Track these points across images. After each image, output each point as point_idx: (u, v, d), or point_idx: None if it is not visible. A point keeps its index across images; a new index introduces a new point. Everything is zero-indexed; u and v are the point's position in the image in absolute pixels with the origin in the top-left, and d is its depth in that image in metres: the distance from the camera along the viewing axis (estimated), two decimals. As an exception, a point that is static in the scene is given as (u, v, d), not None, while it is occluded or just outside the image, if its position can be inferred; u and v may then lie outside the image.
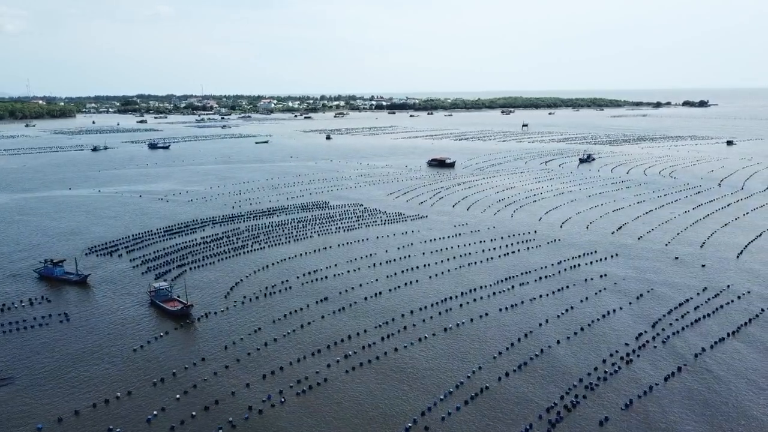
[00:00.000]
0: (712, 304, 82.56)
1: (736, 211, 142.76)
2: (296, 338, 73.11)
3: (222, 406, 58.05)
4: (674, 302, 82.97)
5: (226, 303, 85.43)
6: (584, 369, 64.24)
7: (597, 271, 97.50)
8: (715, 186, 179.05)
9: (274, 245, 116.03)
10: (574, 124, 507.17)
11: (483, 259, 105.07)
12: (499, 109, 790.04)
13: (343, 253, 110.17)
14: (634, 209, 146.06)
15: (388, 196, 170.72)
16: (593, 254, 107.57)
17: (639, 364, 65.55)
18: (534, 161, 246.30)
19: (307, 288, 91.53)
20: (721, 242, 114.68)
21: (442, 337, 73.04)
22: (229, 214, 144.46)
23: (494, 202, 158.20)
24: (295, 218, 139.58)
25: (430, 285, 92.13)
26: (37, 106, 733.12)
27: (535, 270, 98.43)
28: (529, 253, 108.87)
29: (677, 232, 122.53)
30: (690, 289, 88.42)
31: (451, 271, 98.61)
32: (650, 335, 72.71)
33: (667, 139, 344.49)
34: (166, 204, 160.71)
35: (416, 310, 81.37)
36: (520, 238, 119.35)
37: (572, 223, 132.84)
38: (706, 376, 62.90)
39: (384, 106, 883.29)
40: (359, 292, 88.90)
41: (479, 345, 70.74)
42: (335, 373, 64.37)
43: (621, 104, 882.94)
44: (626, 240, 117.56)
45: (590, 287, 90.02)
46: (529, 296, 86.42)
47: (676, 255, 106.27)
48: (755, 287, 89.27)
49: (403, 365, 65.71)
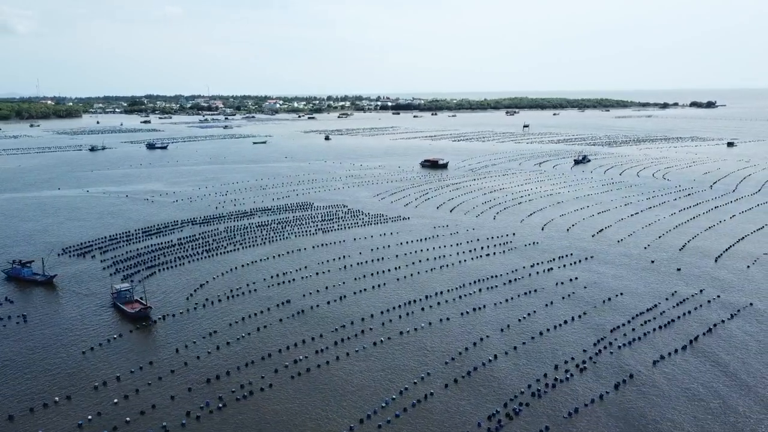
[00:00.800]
0: (675, 311, 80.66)
1: (723, 214, 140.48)
2: (249, 342, 72.15)
3: (159, 410, 57.19)
4: (638, 309, 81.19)
5: (187, 305, 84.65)
6: (522, 383, 61.57)
7: (568, 276, 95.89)
8: (707, 188, 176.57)
9: (248, 247, 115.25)
10: (577, 125, 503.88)
11: (454, 263, 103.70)
12: (504, 110, 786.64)
13: (316, 255, 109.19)
14: (620, 212, 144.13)
15: (375, 197, 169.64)
16: (568, 257, 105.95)
17: (581, 378, 62.88)
18: (528, 162, 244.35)
19: (272, 291, 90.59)
20: (701, 246, 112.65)
21: (385, 347, 71.27)
22: (210, 215, 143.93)
23: (479, 203, 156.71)
24: (275, 219, 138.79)
25: (394, 289, 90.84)
26: (44, 107, 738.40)
27: (505, 274, 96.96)
28: (503, 257, 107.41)
29: (658, 236, 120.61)
30: (658, 294, 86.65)
31: (419, 275, 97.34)
32: (604, 344, 71.07)
33: (667, 140, 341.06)
34: (150, 204, 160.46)
35: (368, 318, 79.70)
36: (498, 241, 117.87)
37: (553, 225, 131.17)
38: (647, 390, 60.33)
39: (389, 107, 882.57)
40: (323, 297, 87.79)
41: (421, 356, 68.72)
42: (280, 380, 63.34)
43: (627, 105, 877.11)
44: (605, 243, 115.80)
45: (557, 292, 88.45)
46: (493, 301, 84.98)
47: (652, 259, 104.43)
48: (726, 293, 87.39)
49: (336, 378, 63.39)
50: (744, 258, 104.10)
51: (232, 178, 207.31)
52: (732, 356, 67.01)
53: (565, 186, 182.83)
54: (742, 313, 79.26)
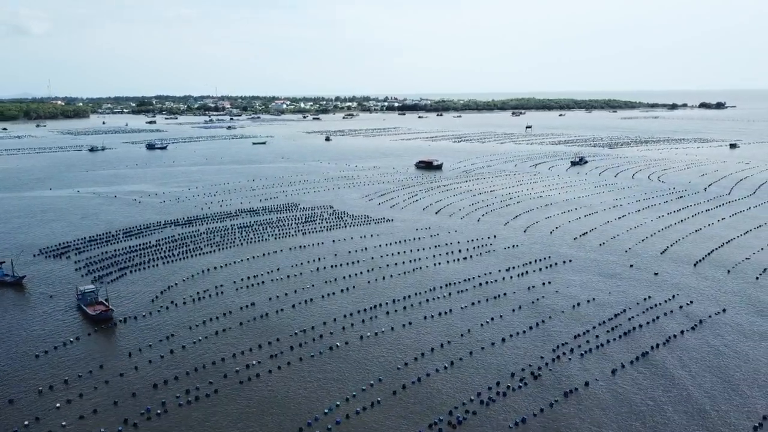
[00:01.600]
0: (642, 318, 78.75)
1: (712, 217, 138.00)
2: (204, 347, 71.26)
3: (100, 416, 56.43)
4: (605, 316, 79.43)
5: (151, 307, 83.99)
6: (470, 393, 59.94)
7: (541, 280, 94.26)
8: (700, 191, 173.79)
9: (225, 248, 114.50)
10: (581, 125, 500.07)
11: (429, 266, 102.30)
12: (511, 111, 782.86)
13: (291, 257, 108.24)
14: (607, 214, 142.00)
15: (363, 198, 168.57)
16: (545, 261, 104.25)
17: (527, 389, 61.28)
18: (525, 163, 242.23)
19: (240, 294, 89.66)
20: (683, 250, 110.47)
21: (341, 352, 70.03)
22: (194, 216, 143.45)
23: (467, 205, 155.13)
24: (257, 221, 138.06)
25: (363, 293, 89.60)
26: (52, 107, 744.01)
27: (477, 277, 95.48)
28: (480, 260, 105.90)
29: (642, 239, 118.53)
30: (629, 301, 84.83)
31: (391, 278, 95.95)
32: (564, 350, 69.56)
33: (670, 141, 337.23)
34: (137, 205, 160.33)
35: (330, 322, 78.51)
36: (478, 244, 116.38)
37: (537, 228, 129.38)
38: (589, 404, 58.26)
39: (395, 108, 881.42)
40: (289, 300, 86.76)
41: (375, 362, 67.38)
42: (227, 386, 62.36)
43: (635, 106, 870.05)
44: (586, 247, 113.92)
45: (526, 298, 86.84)
46: (460, 305, 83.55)
47: (631, 263, 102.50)
48: (699, 300, 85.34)
49: (282, 384, 62.06)
50: (724, 264, 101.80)
51: (224, 179, 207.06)
52: (686, 371, 63.68)
53: (556, 188, 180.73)
54: (709, 323, 77.05)
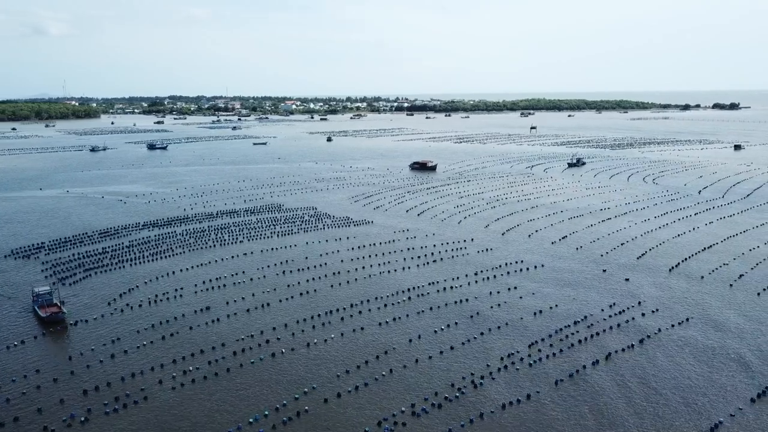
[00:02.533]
0: (600, 326, 76.25)
1: (700, 221, 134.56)
2: (147, 351, 69.94)
3: (21, 423, 55.26)
4: (563, 323, 77.09)
5: (106, 310, 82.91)
6: (400, 404, 58.09)
7: (508, 284, 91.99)
8: (694, 193, 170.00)
9: (197, 250, 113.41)
10: (588, 126, 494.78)
11: (396, 269, 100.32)
12: (520, 112, 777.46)
13: (259, 260, 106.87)
14: (592, 217, 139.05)
15: (350, 199, 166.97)
16: (516, 265, 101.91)
17: (436, 414, 58.58)
18: (521, 165, 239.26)
19: (198, 297, 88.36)
20: (661, 255, 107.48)
21: (284, 358, 68.46)
22: (175, 217, 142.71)
23: (451, 208, 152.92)
24: (237, 222, 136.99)
25: (322, 298, 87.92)
26: (63, 107, 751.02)
27: (443, 281, 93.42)
28: (449, 264, 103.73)
29: (621, 243, 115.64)
30: (591, 307, 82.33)
31: (355, 282, 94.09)
32: (511, 360, 67.36)
33: (674, 143, 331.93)
34: (122, 205, 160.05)
35: (281, 327, 76.98)
36: (452, 247, 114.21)
37: (517, 231, 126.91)
38: (506, 425, 56.07)
39: (404, 108, 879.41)
40: (246, 304, 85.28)
41: (316, 368, 65.99)
42: (160, 391, 61.00)
43: (647, 107, 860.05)
44: (562, 251, 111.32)
45: (487, 303, 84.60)
46: (416, 311, 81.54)
47: (604, 268, 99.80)
48: (666, 305, 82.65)
49: (219, 390, 60.61)
50: (700, 270, 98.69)
51: (216, 180, 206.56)
52: (616, 392, 60.67)
53: (546, 190, 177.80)
54: (670, 332, 74.40)
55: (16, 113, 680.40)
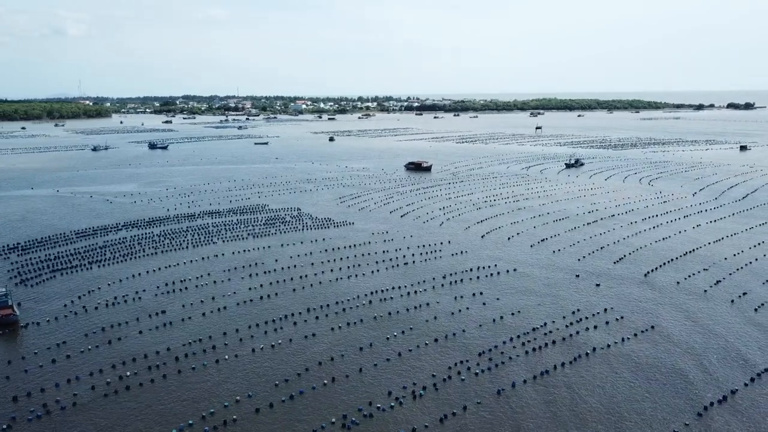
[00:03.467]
0: (558, 335, 73.63)
1: (689, 224, 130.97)
2: (89, 356, 68.48)
3: (-58, 430, 54.26)
4: (520, 330, 74.62)
5: (61, 312, 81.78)
6: (334, 414, 56.35)
7: (474, 290, 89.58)
8: (688, 195, 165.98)
9: (168, 251, 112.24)
10: (596, 126, 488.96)
11: (366, 273, 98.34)
12: (530, 112, 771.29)
13: (228, 262, 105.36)
14: (578, 219, 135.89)
15: (336, 200, 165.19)
16: (488, 269, 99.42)
17: (399, 411, 57.59)
18: (518, 165, 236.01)
19: (157, 299, 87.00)
20: (639, 260, 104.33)
21: (226, 365, 66.75)
22: (156, 217, 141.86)
23: (437, 209, 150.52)
24: (216, 222, 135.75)
25: (283, 302, 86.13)
26: (75, 107, 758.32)
27: (410, 285, 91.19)
28: (419, 267, 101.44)
29: (601, 246, 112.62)
30: (553, 314, 79.70)
31: (320, 285, 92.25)
32: (461, 368, 65.09)
33: (679, 143, 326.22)
34: (108, 205, 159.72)
35: (232, 332, 75.33)
36: (428, 249, 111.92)
37: (497, 234, 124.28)
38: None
39: (414, 108, 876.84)
40: (203, 308, 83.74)
41: (254, 377, 64.32)
42: (90, 399, 59.55)
43: (660, 107, 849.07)
44: (538, 254, 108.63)
45: (449, 308, 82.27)
46: (373, 315, 79.46)
47: (578, 273, 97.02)
48: (632, 314, 79.78)
49: (150, 397, 59.16)
50: (677, 276, 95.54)
51: (208, 179, 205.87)
52: (550, 409, 59.01)
53: (537, 192, 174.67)
54: (625, 345, 71.37)
55: (28, 113, 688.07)
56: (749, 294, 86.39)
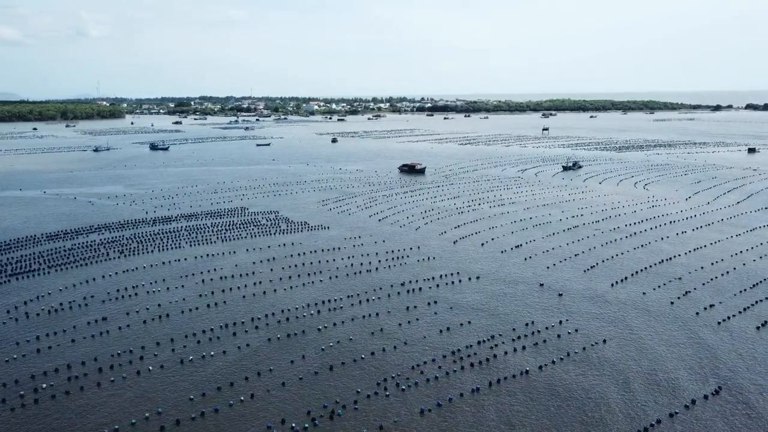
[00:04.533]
0: (504, 348, 70.21)
1: (671, 231, 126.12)
2: (15, 366, 66.43)
3: None
4: (467, 342, 71.24)
5: (2, 318, 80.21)
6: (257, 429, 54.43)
7: (431, 298, 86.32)
8: (681, 200, 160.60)
9: (133, 255, 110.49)
10: (606, 127, 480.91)
11: (323, 279, 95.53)
12: (542, 113, 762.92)
13: (186, 267, 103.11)
14: (559, 225, 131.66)
15: (319, 203, 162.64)
16: (452, 276, 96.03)
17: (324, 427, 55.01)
18: (514, 168, 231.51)
19: (105, 306, 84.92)
20: (613, 268, 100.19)
21: (152, 376, 64.49)
22: (132, 220, 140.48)
23: (419, 213, 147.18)
24: (190, 226, 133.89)
25: (230, 309, 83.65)
26: (89, 108, 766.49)
27: (364, 293, 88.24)
28: (386, 272, 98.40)
29: (576, 253, 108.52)
30: (503, 326, 76.14)
31: (274, 293, 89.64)
32: (392, 383, 61.98)
33: (687, 145, 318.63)
34: (88, 207, 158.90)
35: (166, 342, 73.04)
36: (396, 255, 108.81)
37: (472, 239, 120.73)
38: None
39: (425, 108, 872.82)
40: (146, 315, 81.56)
41: (182, 387, 62.00)
42: (2, 409, 57.65)
43: (677, 107, 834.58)
44: (508, 261, 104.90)
45: (397, 318, 79.15)
46: (318, 326, 76.48)
47: (542, 282, 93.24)
48: (588, 324, 75.96)
49: (67, 409, 57.51)
50: (644, 285, 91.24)
51: (198, 181, 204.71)
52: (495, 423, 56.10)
53: (525, 195, 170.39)
54: (561, 364, 67.46)
55: (43, 113, 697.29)
56: (716, 307, 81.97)
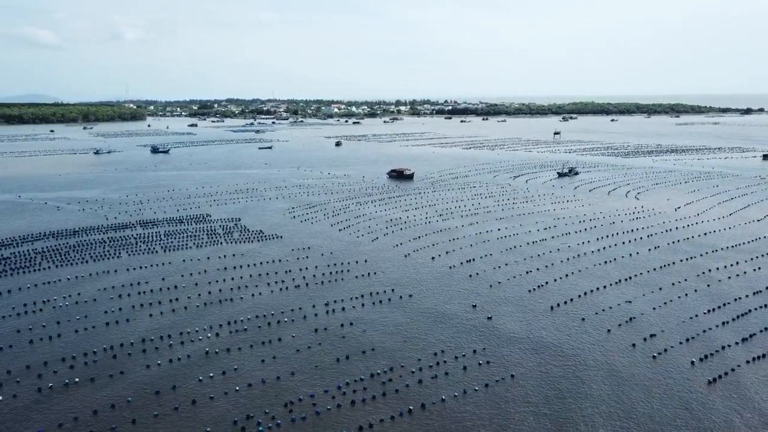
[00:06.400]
0: (403, 381, 63.16)
1: (643, 246, 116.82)
2: None
3: None
4: (357, 375, 64.29)
5: None
6: None
7: (350, 318, 79.65)
8: (669, 211, 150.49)
9: (65, 265, 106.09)
10: (623, 131, 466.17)
11: (242, 296, 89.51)
12: (561, 116, 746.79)
13: (113, 278, 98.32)
14: (524, 238, 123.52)
15: (287, 210, 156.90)
16: (385, 294, 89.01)
17: None
18: (508, 174, 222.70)
19: (36, 316, 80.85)
20: (562, 287, 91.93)
21: (68, 389, 59.61)
22: (89, 226, 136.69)
23: (384, 222, 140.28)
24: (143, 233, 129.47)
25: (150, 324, 78.22)
26: (110, 110, 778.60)
27: (281, 312, 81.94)
28: (317, 288, 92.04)
29: (528, 270, 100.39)
30: (413, 354, 68.92)
31: (198, 308, 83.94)
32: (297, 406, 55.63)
33: (699, 150, 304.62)
34: (52, 213, 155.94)
35: (89, 354, 68.07)
36: (336, 269, 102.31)
37: (425, 252, 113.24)
38: None
39: (445, 111, 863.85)
40: (76, 324, 76.87)
41: (52, 415, 56.72)
42: None
43: (704, 110, 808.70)
44: (452, 279, 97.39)
45: (307, 340, 72.66)
46: (224, 348, 70.48)
47: (476, 303, 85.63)
48: (507, 355, 68.25)
49: None
50: (587, 308, 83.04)
51: (181, 185, 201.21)
52: None
53: (506, 204, 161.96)
54: (468, 397, 60.41)
55: (65, 116, 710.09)
56: (658, 336, 73.50)
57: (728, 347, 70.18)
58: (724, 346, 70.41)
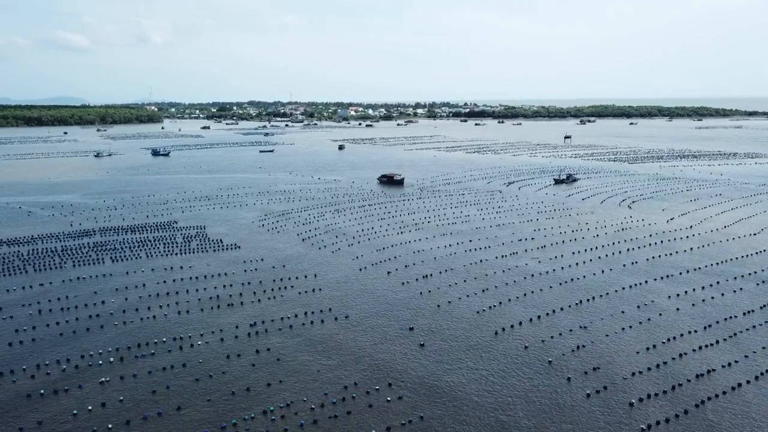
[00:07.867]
0: (299, 417, 56.31)
1: (618, 261, 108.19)
2: None
3: None
4: (244, 413, 57.61)
5: None
6: None
7: (269, 344, 73.04)
8: (661, 221, 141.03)
9: (14, 274, 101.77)
10: (639, 135, 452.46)
11: (166, 314, 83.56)
12: (579, 119, 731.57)
13: (47, 291, 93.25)
14: (495, 251, 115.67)
15: (259, 218, 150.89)
16: (322, 313, 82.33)
17: None
18: (502, 180, 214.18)
19: None
20: (516, 309, 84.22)
21: None
22: (46, 234, 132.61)
23: (353, 233, 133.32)
24: (99, 242, 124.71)
25: (78, 343, 72.79)
26: (127, 112, 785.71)
27: (209, 332, 75.75)
28: (252, 307, 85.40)
29: (484, 289, 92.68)
30: (331, 383, 62.00)
31: (118, 326, 78.30)
32: None
33: (712, 156, 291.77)
34: (22, 217, 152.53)
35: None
36: (281, 285, 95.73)
37: (382, 266, 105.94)
38: None
39: (461, 114, 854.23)
40: None
41: None
42: None
43: (729, 114, 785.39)
44: (402, 295, 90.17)
45: (220, 367, 66.25)
46: (129, 372, 64.52)
47: (413, 325, 78.33)
48: (424, 391, 61.00)
49: None
50: (537, 334, 75.21)
51: (161, 189, 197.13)
52: None
53: (488, 212, 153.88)
54: None
55: (83, 118, 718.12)
56: (602, 369, 65.48)
57: (687, 382, 61.91)
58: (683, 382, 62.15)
